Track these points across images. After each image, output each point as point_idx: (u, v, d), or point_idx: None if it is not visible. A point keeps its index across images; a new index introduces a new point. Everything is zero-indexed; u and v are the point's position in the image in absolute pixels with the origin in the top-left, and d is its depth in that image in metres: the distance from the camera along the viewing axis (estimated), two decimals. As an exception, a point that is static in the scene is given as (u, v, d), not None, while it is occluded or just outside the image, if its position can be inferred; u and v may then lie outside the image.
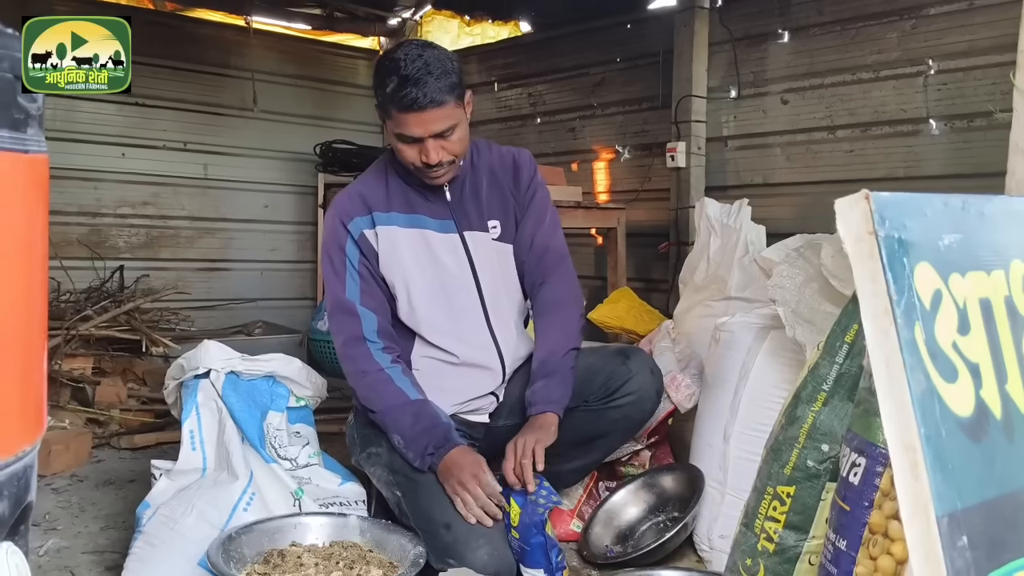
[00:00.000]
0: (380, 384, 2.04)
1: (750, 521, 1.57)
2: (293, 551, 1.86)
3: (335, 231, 2.11)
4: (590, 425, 2.18)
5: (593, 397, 2.16)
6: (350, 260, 2.09)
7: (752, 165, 4.40)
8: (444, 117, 1.93)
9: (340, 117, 5.99)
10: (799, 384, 1.52)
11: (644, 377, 2.17)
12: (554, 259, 2.22)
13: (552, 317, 2.19)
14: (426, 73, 1.89)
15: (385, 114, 1.98)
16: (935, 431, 0.68)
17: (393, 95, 1.90)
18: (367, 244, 2.10)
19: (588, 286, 4.81)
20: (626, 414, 2.17)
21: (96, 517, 2.54)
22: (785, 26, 4.21)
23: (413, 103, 1.89)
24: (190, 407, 2.17)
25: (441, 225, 2.12)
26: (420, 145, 1.96)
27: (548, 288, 2.20)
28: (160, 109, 5.24)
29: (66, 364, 3.54)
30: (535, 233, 2.21)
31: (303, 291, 5.85)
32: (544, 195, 2.26)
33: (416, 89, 1.88)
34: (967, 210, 0.76)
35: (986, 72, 3.49)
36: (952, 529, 0.67)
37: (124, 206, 5.21)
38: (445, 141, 1.97)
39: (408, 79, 1.88)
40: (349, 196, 2.14)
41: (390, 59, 1.95)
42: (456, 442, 1.98)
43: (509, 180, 2.20)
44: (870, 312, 0.68)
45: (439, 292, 2.11)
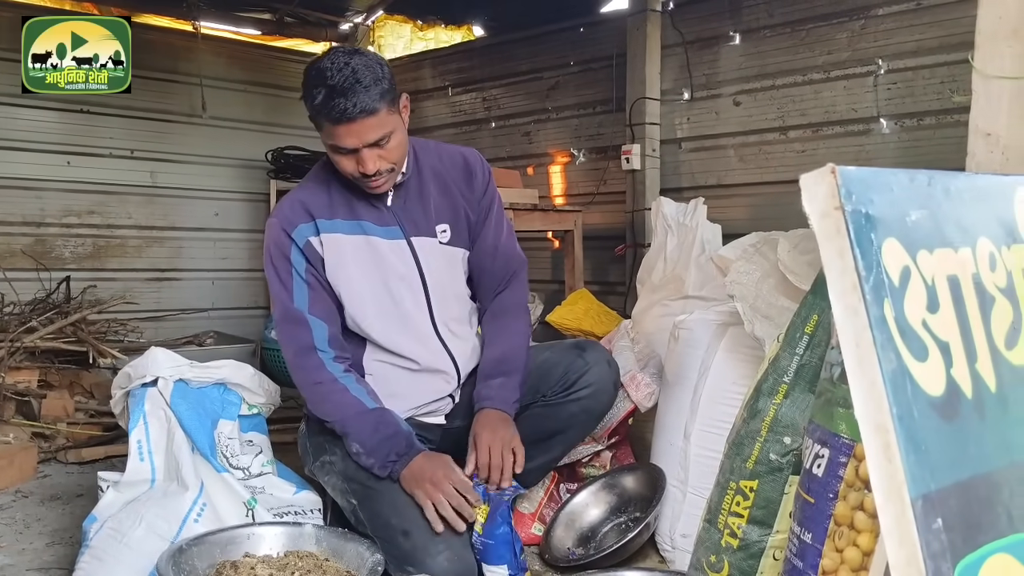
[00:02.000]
0: (335, 394, 1.98)
1: (713, 517, 1.56)
2: (246, 562, 1.80)
3: (278, 240, 2.03)
4: (548, 421, 2.16)
5: (551, 391, 2.15)
6: (296, 269, 2.02)
7: (706, 166, 4.42)
8: (377, 126, 1.86)
9: (291, 123, 5.89)
10: (760, 377, 1.51)
11: (601, 369, 2.16)
12: (516, 265, 2.23)
13: (508, 320, 2.17)
14: (355, 82, 1.81)
15: (317, 126, 1.91)
16: (907, 411, 0.66)
17: (322, 107, 1.83)
18: (312, 251, 2.02)
19: (545, 289, 4.80)
20: (585, 407, 2.16)
21: (41, 533, 2.45)
22: (736, 28, 4.24)
23: (343, 114, 1.81)
24: (137, 416, 2.09)
25: (387, 232, 2.05)
26: (356, 155, 1.89)
27: (507, 292, 2.20)
28: (106, 116, 5.12)
29: (10, 377, 3.42)
30: (497, 241, 2.19)
31: (256, 300, 5.74)
32: (499, 198, 2.23)
33: (345, 100, 1.80)
34: (933, 186, 0.74)
35: (934, 71, 3.55)
36: (927, 511, 0.65)
37: (70, 215, 5.08)
38: (381, 150, 1.90)
39: (335, 89, 1.80)
40: (290, 204, 2.06)
41: (316, 69, 1.86)
42: (419, 448, 1.95)
43: (460, 181, 2.14)
44: (838, 289, 0.66)
45: (386, 298, 2.06)
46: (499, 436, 1.96)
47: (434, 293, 2.09)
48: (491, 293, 2.20)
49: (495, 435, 1.96)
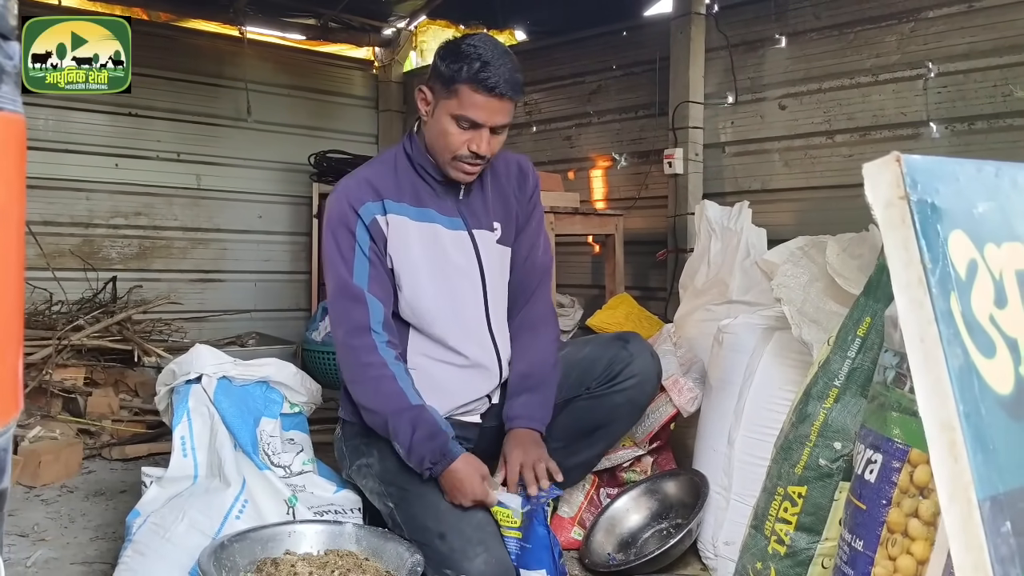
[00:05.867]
0: (383, 382, 1.95)
1: (760, 523, 1.53)
2: (287, 560, 1.80)
3: (343, 213, 2.01)
4: (593, 413, 2.16)
5: (596, 383, 2.16)
6: (360, 244, 1.99)
7: (750, 171, 4.37)
8: (508, 112, 1.95)
9: (334, 127, 5.96)
10: (809, 380, 1.47)
11: (645, 359, 2.17)
12: (541, 275, 2.23)
13: (535, 333, 2.17)
14: (512, 67, 1.92)
15: (450, 93, 1.92)
16: (974, 409, 0.63)
17: (476, 75, 1.89)
18: (378, 230, 2.01)
19: (585, 294, 4.77)
20: (629, 398, 2.16)
21: (86, 528, 2.48)
22: (782, 31, 4.19)
23: (495, 87, 1.89)
24: (181, 413, 2.11)
25: (451, 222, 2.06)
26: (475, 132, 1.94)
27: (533, 304, 2.20)
28: (154, 119, 5.21)
29: (58, 374, 3.48)
30: (532, 247, 2.20)
31: (297, 302, 5.80)
32: (542, 207, 2.27)
33: (500, 77, 1.89)
34: (1000, 178, 0.71)
35: (987, 74, 3.46)
36: (995, 514, 0.62)
37: (117, 217, 5.16)
38: (494, 137, 1.97)
39: (493, 65, 1.89)
40: (357, 181, 2.05)
41: (470, 44, 1.93)
42: (453, 455, 1.90)
43: (514, 184, 2.18)
44: (903, 281, 0.64)
45: (444, 288, 2.05)
46: (529, 454, 1.96)
47: (491, 287, 2.11)
48: (515, 297, 2.20)
49: (526, 454, 1.96)
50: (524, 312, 2.19)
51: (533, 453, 1.97)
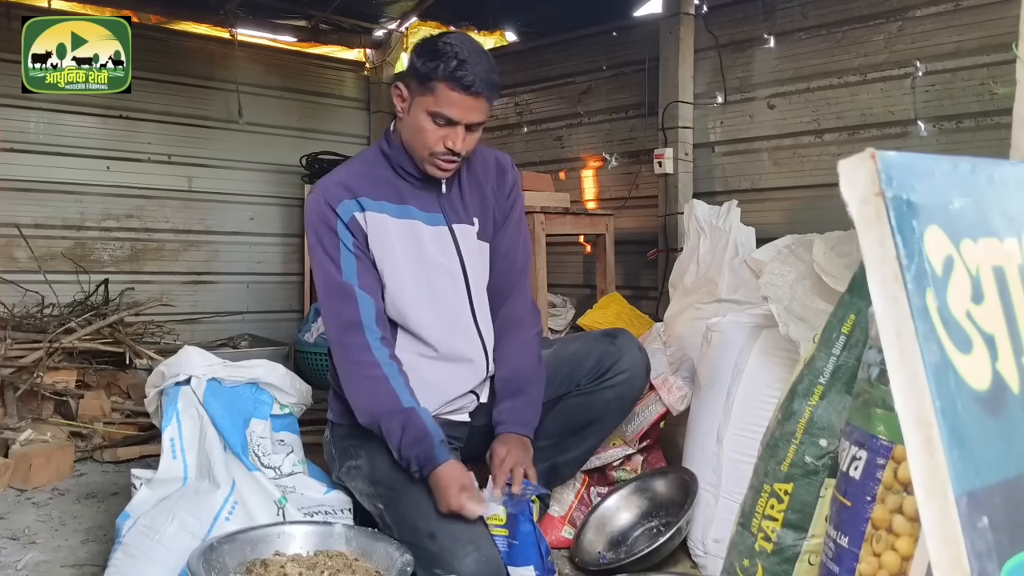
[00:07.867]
0: (376, 382, 1.95)
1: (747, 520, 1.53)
2: (276, 561, 1.80)
3: (322, 214, 2.02)
4: (583, 410, 2.18)
5: (585, 379, 2.17)
6: (343, 241, 2.01)
7: (739, 170, 4.38)
8: (483, 110, 1.96)
9: (326, 129, 5.95)
10: (795, 378, 1.48)
11: (634, 354, 2.19)
12: (519, 273, 2.23)
13: (516, 332, 2.17)
14: (488, 66, 1.94)
15: (426, 90, 1.94)
16: (951, 405, 0.63)
17: (452, 73, 1.90)
18: (357, 227, 2.02)
19: (577, 294, 4.78)
20: (619, 393, 2.18)
21: (76, 531, 2.48)
22: (770, 31, 4.20)
23: (471, 85, 1.90)
24: (170, 414, 2.11)
25: (430, 218, 2.07)
26: (450, 129, 1.95)
27: (513, 302, 2.20)
28: (145, 122, 5.19)
29: (49, 377, 3.47)
30: (511, 244, 2.20)
31: (290, 303, 5.79)
32: (522, 205, 2.27)
33: (475, 75, 1.91)
34: (976, 173, 0.72)
35: (974, 73, 3.48)
36: (972, 509, 0.63)
37: (109, 219, 5.15)
38: (470, 134, 1.98)
39: (468, 63, 1.91)
40: (334, 182, 2.06)
41: (446, 42, 1.95)
42: (437, 461, 1.88)
43: (492, 180, 2.18)
44: (879, 278, 0.64)
45: (425, 284, 2.06)
46: (513, 454, 1.97)
47: (473, 280, 2.11)
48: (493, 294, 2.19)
49: (510, 453, 1.98)
50: (504, 310, 2.18)
51: (517, 454, 1.98)
